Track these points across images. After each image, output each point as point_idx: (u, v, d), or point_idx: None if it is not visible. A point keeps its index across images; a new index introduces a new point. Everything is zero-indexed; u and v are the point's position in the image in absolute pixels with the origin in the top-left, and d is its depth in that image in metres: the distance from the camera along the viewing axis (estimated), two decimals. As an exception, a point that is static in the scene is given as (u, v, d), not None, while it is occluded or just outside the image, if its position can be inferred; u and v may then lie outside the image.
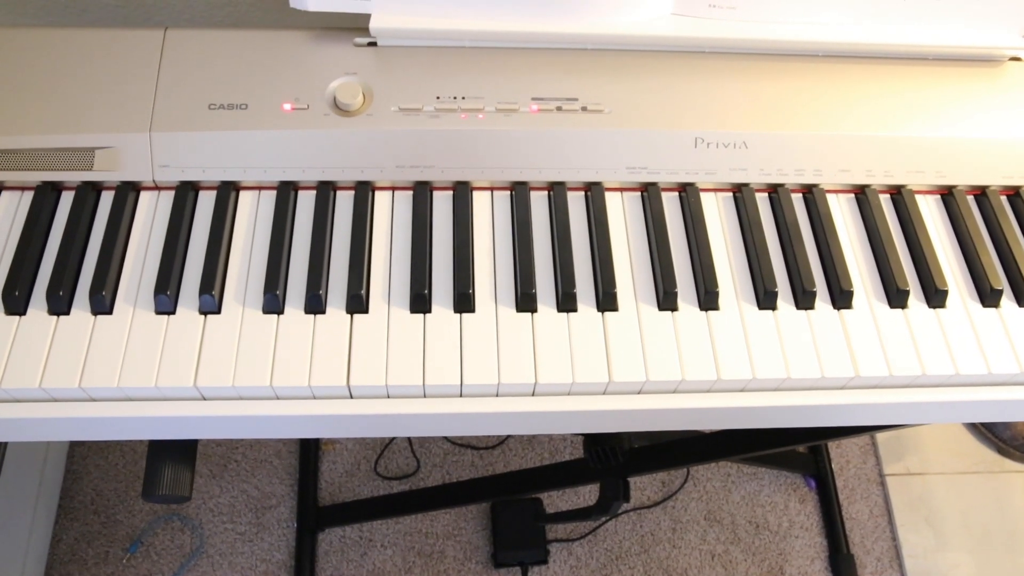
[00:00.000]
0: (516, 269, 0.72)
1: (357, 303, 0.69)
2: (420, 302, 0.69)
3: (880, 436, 1.62)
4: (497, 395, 0.67)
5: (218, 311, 0.69)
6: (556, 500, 1.52)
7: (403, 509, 1.44)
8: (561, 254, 0.72)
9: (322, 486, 1.51)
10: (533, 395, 0.68)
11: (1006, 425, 1.60)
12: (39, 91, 0.74)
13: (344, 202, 0.75)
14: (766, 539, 1.51)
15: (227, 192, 0.74)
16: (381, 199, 0.76)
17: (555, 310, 0.70)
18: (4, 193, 0.74)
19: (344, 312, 0.69)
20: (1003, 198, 0.80)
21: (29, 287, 0.69)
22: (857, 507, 1.55)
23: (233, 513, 1.47)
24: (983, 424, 1.63)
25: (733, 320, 0.71)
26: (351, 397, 0.67)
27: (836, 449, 1.60)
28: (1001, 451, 1.61)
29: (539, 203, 0.76)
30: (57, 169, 0.73)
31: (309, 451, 1.52)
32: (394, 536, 1.47)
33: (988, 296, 0.74)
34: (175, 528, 1.45)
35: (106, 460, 1.49)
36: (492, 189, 0.77)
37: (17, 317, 0.68)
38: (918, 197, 0.79)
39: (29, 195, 0.74)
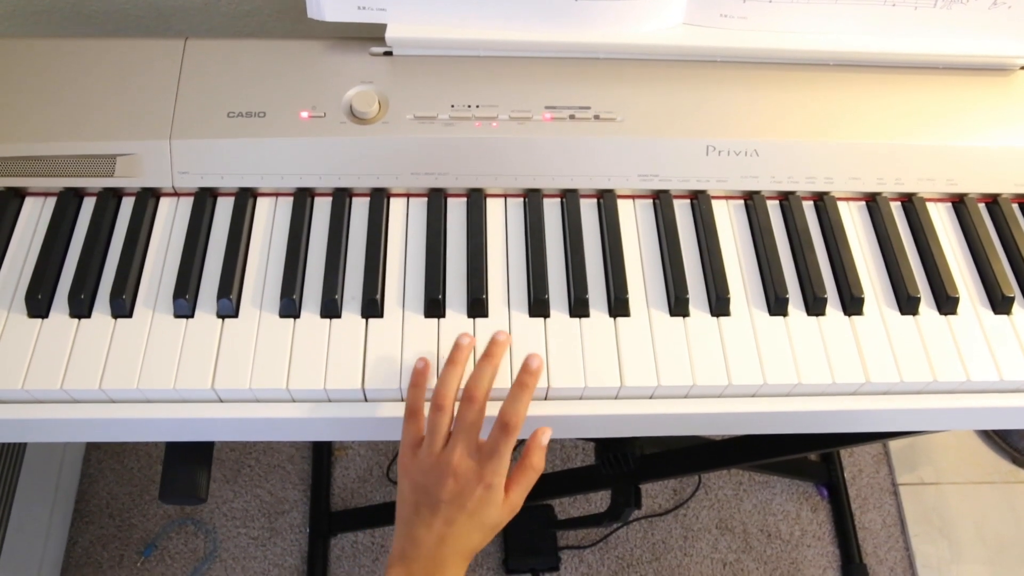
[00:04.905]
0: (529, 275, 0.73)
1: (372, 308, 0.70)
2: (434, 307, 0.70)
3: (893, 445, 1.61)
4: (510, 399, 0.68)
5: (236, 315, 0.70)
6: (567, 506, 1.52)
7: (415, 515, 1.44)
8: (573, 260, 0.73)
9: (334, 491, 1.52)
10: (546, 399, 0.69)
11: (1020, 435, 1.59)
12: (62, 99, 0.76)
13: (360, 208, 0.76)
14: (778, 548, 1.51)
15: (245, 198, 0.75)
16: (396, 206, 0.77)
17: (567, 315, 0.71)
18: (27, 199, 0.76)
19: (359, 317, 0.70)
20: (1015, 206, 0.80)
21: (51, 291, 0.70)
22: (870, 516, 1.54)
23: (246, 518, 1.48)
24: (997, 434, 1.62)
25: (744, 326, 0.71)
26: (366, 400, 0.68)
27: (849, 458, 1.59)
28: (1015, 461, 1.60)
29: (552, 210, 0.77)
30: (79, 175, 0.75)
31: (322, 456, 1.53)
32: (406, 542, 1.48)
33: (1000, 303, 0.74)
34: (189, 532, 1.46)
35: (121, 464, 1.51)
36: (505, 196, 0.78)
37: (39, 320, 0.69)
38: (929, 205, 0.80)
39: (52, 201, 0.75)
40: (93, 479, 1.49)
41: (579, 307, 0.71)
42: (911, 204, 0.80)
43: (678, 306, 0.71)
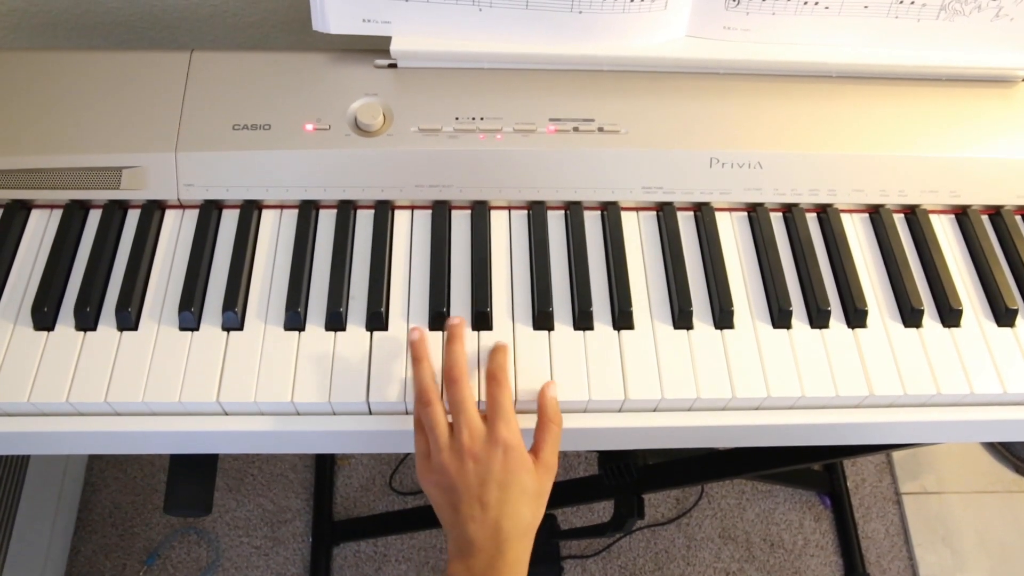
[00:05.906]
0: (533, 287, 0.73)
1: (377, 321, 0.70)
2: (439, 320, 0.70)
3: (896, 454, 1.61)
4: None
5: (241, 328, 0.70)
6: (570, 516, 1.52)
7: (418, 524, 1.44)
8: (578, 273, 0.73)
9: (337, 501, 1.52)
10: (550, 412, 0.69)
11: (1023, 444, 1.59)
12: (68, 112, 0.76)
13: (364, 221, 0.76)
14: (781, 557, 1.50)
15: (250, 211, 0.76)
16: (400, 218, 0.77)
17: (571, 328, 0.71)
18: (33, 211, 0.76)
19: (364, 329, 0.70)
20: (1018, 218, 0.81)
21: (57, 303, 0.71)
22: (873, 526, 1.54)
23: (249, 527, 1.48)
24: (1000, 443, 1.62)
25: (748, 338, 0.71)
26: (370, 413, 0.68)
27: (852, 467, 1.59)
28: (1019, 470, 1.60)
29: (556, 222, 0.77)
30: (85, 188, 0.75)
31: (325, 466, 1.53)
32: (408, 551, 1.48)
33: (1003, 315, 0.74)
34: (191, 541, 1.46)
35: (124, 473, 1.51)
36: (510, 208, 0.78)
37: (45, 332, 0.69)
38: (932, 217, 0.80)
39: (58, 213, 0.75)
40: (96, 488, 1.49)
41: (583, 320, 0.71)
42: (914, 216, 0.80)
43: (682, 319, 0.71)
